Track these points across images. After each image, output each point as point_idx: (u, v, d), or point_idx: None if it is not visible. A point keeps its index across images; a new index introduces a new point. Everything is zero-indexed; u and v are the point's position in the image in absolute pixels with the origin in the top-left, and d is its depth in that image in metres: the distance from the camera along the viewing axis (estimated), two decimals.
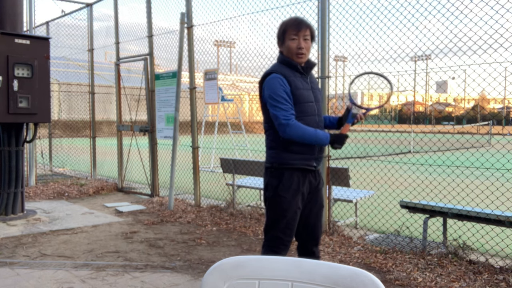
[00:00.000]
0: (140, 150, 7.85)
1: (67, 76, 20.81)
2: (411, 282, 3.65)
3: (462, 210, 4.19)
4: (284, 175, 2.75)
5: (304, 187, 2.78)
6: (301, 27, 2.74)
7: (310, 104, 2.80)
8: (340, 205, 6.52)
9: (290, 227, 2.77)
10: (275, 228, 2.79)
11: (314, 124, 2.79)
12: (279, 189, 2.75)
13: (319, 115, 2.85)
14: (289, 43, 2.75)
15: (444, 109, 53.18)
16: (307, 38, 2.76)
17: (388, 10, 4.61)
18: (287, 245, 2.80)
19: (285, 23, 2.80)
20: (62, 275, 3.86)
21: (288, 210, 2.74)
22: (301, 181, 2.77)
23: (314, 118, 2.81)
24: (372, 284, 1.20)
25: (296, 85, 2.75)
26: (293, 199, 2.74)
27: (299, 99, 2.75)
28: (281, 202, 2.74)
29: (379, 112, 55.38)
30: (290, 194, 2.74)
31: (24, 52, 5.74)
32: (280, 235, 2.78)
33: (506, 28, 3.81)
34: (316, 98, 2.86)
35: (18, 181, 5.93)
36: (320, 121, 2.87)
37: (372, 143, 7.31)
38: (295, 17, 2.83)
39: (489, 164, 5.12)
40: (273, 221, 2.80)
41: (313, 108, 2.81)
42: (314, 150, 2.79)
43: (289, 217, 2.75)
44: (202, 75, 6.85)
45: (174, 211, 6.39)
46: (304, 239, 2.90)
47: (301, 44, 2.73)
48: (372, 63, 4.94)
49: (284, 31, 2.79)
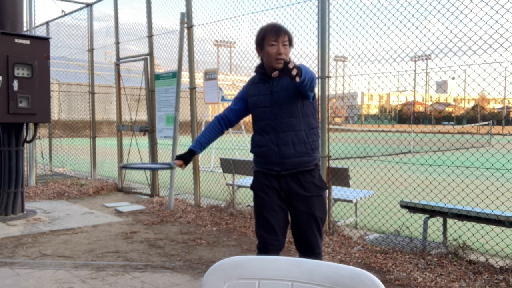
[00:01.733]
0: (140, 150, 7.85)
1: (67, 76, 20.81)
2: (411, 282, 3.64)
3: (462, 210, 4.19)
4: (256, 176, 2.92)
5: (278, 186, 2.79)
6: (280, 33, 2.76)
7: (264, 109, 2.82)
8: (340, 205, 6.52)
9: (271, 223, 2.79)
10: (257, 226, 2.88)
11: (269, 128, 2.80)
12: (251, 187, 2.93)
13: (277, 119, 2.78)
14: (269, 49, 2.77)
15: (444, 109, 53.20)
16: (285, 43, 2.78)
17: (388, 10, 4.61)
18: (274, 244, 2.80)
19: (264, 29, 2.82)
20: (62, 275, 3.86)
21: (262, 206, 2.82)
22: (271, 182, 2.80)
23: (268, 122, 2.80)
24: (372, 284, 1.20)
25: (251, 92, 2.90)
26: (264, 195, 2.82)
27: (252, 105, 2.89)
28: (256, 199, 2.88)
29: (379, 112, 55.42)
30: (261, 192, 2.83)
31: (24, 52, 5.74)
32: (262, 233, 2.83)
33: (506, 28, 3.81)
34: (278, 101, 2.79)
35: (18, 181, 5.93)
36: (280, 125, 2.78)
37: (372, 143, 7.31)
38: (273, 23, 2.85)
39: (489, 164, 5.11)
40: (256, 219, 2.90)
41: (268, 112, 2.81)
42: (269, 156, 2.80)
43: (265, 213, 2.80)
44: (202, 75, 6.85)
45: (174, 211, 6.39)
46: (298, 246, 2.91)
47: (280, 50, 2.75)
48: (372, 63, 4.94)
49: (263, 37, 2.80)
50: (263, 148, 2.82)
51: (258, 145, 2.86)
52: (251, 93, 2.90)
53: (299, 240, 2.87)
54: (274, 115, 2.80)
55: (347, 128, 21.97)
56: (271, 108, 2.80)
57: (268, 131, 2.80)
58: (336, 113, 44.39)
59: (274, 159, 2.77)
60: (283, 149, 2.76)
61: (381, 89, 5.14)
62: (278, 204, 2.80)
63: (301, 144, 2.77)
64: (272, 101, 2.80)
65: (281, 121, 2.78)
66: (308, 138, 2.80)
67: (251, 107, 2.90)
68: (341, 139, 7.93)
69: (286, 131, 2.77)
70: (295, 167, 2.77)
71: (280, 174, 2.78)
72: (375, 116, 51.76)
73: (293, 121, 2.78)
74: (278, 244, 2.81)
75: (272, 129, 2.79)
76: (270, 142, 2.79)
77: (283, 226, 2.84)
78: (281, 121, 2.79)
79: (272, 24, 2.85)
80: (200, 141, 3.01)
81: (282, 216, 2.82)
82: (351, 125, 29.78)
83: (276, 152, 2.77)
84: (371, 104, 54.92)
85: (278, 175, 2.79)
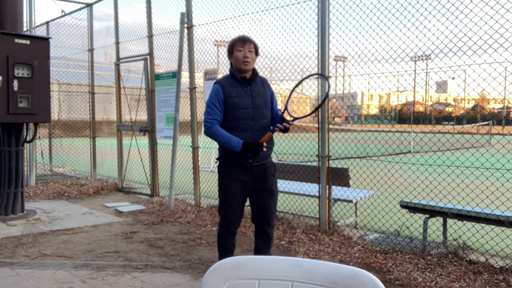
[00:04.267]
0: (140, 150, 7.85)
1: (67, 76, 20.81)
2: (411, 282, 3.65)
3: (462, 210, 4.19)
4: (223, 167, 3.45)
5: (245, 176, 3.37)
6: (246, 41, 3.38)
7: (244, 110, 3.34)
8: (340, 205, 6.52)
9: (234, 208, 3.42)
10: (223, 209, 3.47)
11: (247, 127, 3.33)
12: (220, 177, 3.47)
13: (255, 119, 3.35)
14: (237, 54, 3.37)
15: (444, 109, 53.19)
16: (251, 50, 3.38)
17: (388, 10, 4.61)
18: (235, 224, 3.46)
19: (234, 40, 3.44)
20: (62, 275, 3.86)
21: (228, 193, 3.41)
22: (239, 172, 3.36)
23: (247, 122, 3.33)
24: (372, 284, 1.20)
25: (230, 93, 3.35)
26: (232, 185, 3.38)
27: (232, 105, 3.34)
28: (222, 188, 3.46)
29: (379, 112, 55.44)
30: (228, 181, 3.40)
31: (24, 52, 5.74)
32: (227, 215, 3.44)
33: (506, 28, 3.81)
34: (255, 104, 3.37)
35: (18, 181, 5.93)
36: (256, 125, 3.35)
37: (372, 143, 7.31)
38: (242, 35, 3.47)
39: (489, 164, 5.11)
40: (221, 203, 3.49)
41: (247, 113, 3.34)
42: None
43: (230, 198, 3.41)
44: (202, 75, 6.85)
45: (174, 211, 6.39)
46: (258, 220, 3.52)
47: (246, 54, 3.34)
48: (372, 63, 4.94)
49: (232, 45, 3.41)
50: None
51: None
52: (230, 95, 3.36)
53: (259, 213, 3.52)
54: (252, 116, 3.36)
55: (347, 128, 21.96)
56: (250, 110, 3.36)
57: (246, 129, 3.34)
58: (336, 113, 44.39)
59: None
60: None
61: (381, 89, 5.14)
62: (240, 191, 3.40)
63: (270, 141, 3.41)
64: (252, 104, 3.37)
65: (258, 122, 3.37)
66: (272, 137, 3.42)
67: (230, 107, 3.35)
68: (341, 139, 7.92)
69: (261, 131, 3.37)
70: (264, 159, 3.43)
71: (252, 165, 3.37)
72: (375, 116, 51.77)
73: (265, 122, 3.42)
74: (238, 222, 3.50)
75: (250, 128, 3.35)
76: (247, 139, 3.31)
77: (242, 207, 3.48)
78: (258, 122, 3.37)
79: (241, 35, 3.48)
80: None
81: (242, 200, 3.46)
82: (351, 125, 29.78)
83: None
84: (371, 104, 54.92)
85: (251, 165, 3.36)
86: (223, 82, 3.40)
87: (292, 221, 5.38)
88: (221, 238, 3.52)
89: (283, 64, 5.89)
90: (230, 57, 3.45)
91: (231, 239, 3.51)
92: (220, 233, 3.53)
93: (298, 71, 6.50)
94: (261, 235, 3.56)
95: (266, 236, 3.55)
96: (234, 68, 3.42)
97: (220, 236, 3.53)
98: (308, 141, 6.66)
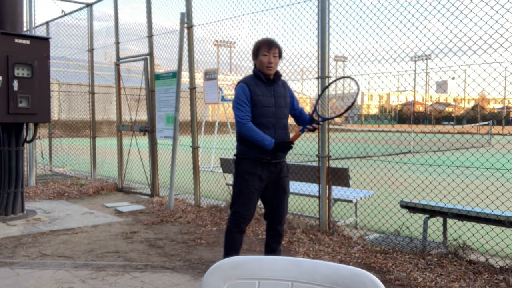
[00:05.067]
0: (140, 150, 7.85)
1: (67, 76, 20.81)
2: (411, 282, 3.65)
3: (462, 210, 4.19)
4: (242, 162, 3.48)
5: (262, 172, 3.42)
6: (272, 46, 3.46)
7: (268, 108, 3.44)
8: (340, 205, 6.52)
9: (248, 203, 3.45)
10: (236, 204, 3.49)
11: (270, 125, 3.43)
12: (238, 172, 3.49)
13: (277, 118, 3.45)
14: (262, 58, 3.46)
15: (444, 109, 53.20)
16: (276, 55, 3.47)
17: (388, 10, 4.60)
18: (246, 219, 3.49)
19: (259, 42, 3.51)
20: (62, 275, 3.86)
21: (245, 188, 3.43)
22: (257, 167, 3.41)
23: (270, 120, 3.43)
24: (372, 284, 1.20)
25: (256, 92, 3.44)
26: (250, 179, 3.41)
27: (257, 103, 3.43)
28: (240, 182, 3.46)
29: (379, 112, 55.40)
30: (246, 176, 3.43)
31: (24, 52, 5.74)
32: (240, 210, 3.46)
33: (506, 28, 3.81)
34: (278, 104, 3.48)
35: (18, 181, 5.93)
36: (278, 123, 3.45)
37: (372, 143, 7.31)
38: (267, 38, 3.55)
39: (489, 164, 5.11)
40: (235, 197, 3.51)
41: (270, 111, 3.44)
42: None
43: (246, 194, 3.43)
44: (202, 75, 6.85)
45: (174, 211, 6.39)
46: (270, 218, 3.61)
47: (271, 59, 3.44)
48: (372, 63, 4.94)
49: (258, 48, 3.49)
50: None
51: None
52: (256, 93, 3.44)
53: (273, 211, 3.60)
54: (275, 115, 3.45)
55: (347, 128, 21.96)
56: (273, 108, 3.45)
57: (269, 126, 3.42)
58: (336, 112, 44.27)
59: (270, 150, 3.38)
60: None
61: (381, 89, 5.14)
62: (257, 188, 3.45)
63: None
64: (275, 103, 3.47)
65: (279, 121, 3.47)
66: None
67: (255, 104, 3.43)
68: (341, 139, 7.93)
69: (282, 129, 3.48)
70: (282, 157, 3.52)
71: (271, 162, 3.44)
72: (375, 116, 51.77)
73: (285, 122, 3.54)
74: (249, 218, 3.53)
75: (272, 126, 3.43)
76: (269, 136, 3.38)
77: (255, 205, 3.52)
78: (279, 121, 3.47)
79: (267, 38, 3.55)
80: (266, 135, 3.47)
81: (257, 197, 3.50)
82: (351, 125, 29.76)
83: None
84: (371, 104, 54.92)
85: (269, 162, 3.43)
86: (248, 81, 3.48)
87: (292, 221, 5.38)
88: (229, 234, 3.50)
89: (283, 64, 5.89)
90: (255, 59, 3.54)
91: (239, 236, 3.51)
92: (229, 228, 3.52)
93: (298, 71, 6.50)
94: (273, 232, 3.66)
95: (277, 234, 3.66)
96: (258, 69, 3.51)
97: (229, 231, 3.50)
98: (308, 141, 6.66)
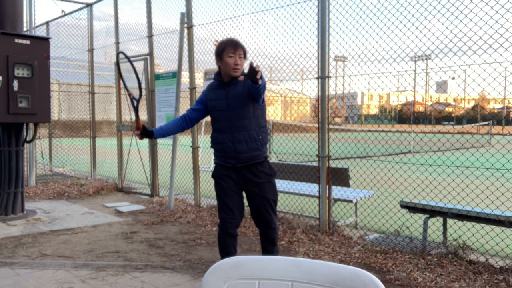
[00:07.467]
0: (140, 150, 7.85)
1: (67, 76, 20.81)
2: (411, 282, 3.65)
3: (462, 210, 4.19)
4: (215, 168, 3.50)
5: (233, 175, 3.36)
6: (238, 47, 3.28)
7: (221, 112, 3.34)
8: (340, 205, 6.52)
9: (228, 206, 3.38)
10: (219, 209, 3.46)
11: (226, 128, 3.32)
12: (213, 178, 3.48)
13: (232, 120, 3.30)
14: (227, 60, 3.27)
15: (444, 109, 53.21)
16: (241, 56, 3.30)
17: (388, 10, 4.60)
18: (232, 223, 3.39)
19: (224, 43, 3.32)
20: (62, 275, 3.86)
21: (221, 193, 3.40)
22: (227, 170, 3.37)
23: (225, 123, 3.32)
24: (372, 284, 1.20)
25: (210, 96, 3.41)
26: (223, 183, 3.38)
27: (210, 108, 3.42)
28: (216, 187, 3.46)
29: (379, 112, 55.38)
30: (220, 180, 3.40)
31: (24, 52, 5.74)
32: (223, 215, 3.41)
33: (506, 28, 3.80)
34: (232, 106, 3.30)
35: (18, 181, 5.93)
36: (235, 126, 3.30)
37: (372, 143, 7.32)
38: (231, 38, 3.36)
39: (489, 164, 5.11)
40: (218, 204, 3.47)
41: (224, 115, 3.33)
42: (226, 151, 3.34)
43: (223, 198, 3.39)
44: (202, 75, 6.85)
45: (174, 211, 6.39)
46: (258, 224, 3.52)
47: (237, 61, 3.27)
48: (372, 63, 4.94)
49: (222, 49, 3.29)
50: (221, 145, 3.36)
51: (216, 142, 3.40)
52: (210, 98, 3.42)
53: (257, 218, 3.48)
54: (229, 118, 3.32)
55: (347, 128, 21.95)
56: (227, 112, 3.32)
57: (225, 130, 3.33)
58: (336, 113, 44.40)
59: (231, 154, 3.32)
60: (237, 146, 3.30)
61: (381, 89, 5.14)
62: (233, 189, 3.38)
63: (252, 141, 3.31)
64: (228, 106, 3.31)
65: (235, 122, 3.31)
66: (258, 136, 3.34)
67: (210, 109, 3.42)
68: (341, 139, 7.92)
69: (240, 131, 3.31)
70: (248, 160, 3.33)
71: (236, 166, 3.34)
72: (375, 116, 51.78)
73: (245, 122, 3.31)
74: (235, 222, 3.40)
75: (228, 129, 3.32)
76: (227, 140, 3.32)
77: (239, 207, 3.42)
78: (235, 123, 3.31)
79: (231, 39, 3.37)
80: (162, 128, 3.61)
81: (237, 198, 3.41)
82: (351, 125, 29.77)
83: (232, 148, 3.31)
84: (371, 104, 54.94)
85: (234, 167, 3.35)
86: (209, 85, 3.49)
87: (292, 221, 5.38)
88: (220, 240, 3.48)
89: (283, 64, 5.89)
90: (219, 62, 3.34)
91: (230, 241, 3.43)
92: (219, 234, 3.49)
93: (298, 71, 6.50)
94: (264, 237, 3.57)
95: (268, 238, 3.54)
96: (223, 73, 3.35)
97: (219, 237, 3.48)
98: (308, 141, 6.66)
